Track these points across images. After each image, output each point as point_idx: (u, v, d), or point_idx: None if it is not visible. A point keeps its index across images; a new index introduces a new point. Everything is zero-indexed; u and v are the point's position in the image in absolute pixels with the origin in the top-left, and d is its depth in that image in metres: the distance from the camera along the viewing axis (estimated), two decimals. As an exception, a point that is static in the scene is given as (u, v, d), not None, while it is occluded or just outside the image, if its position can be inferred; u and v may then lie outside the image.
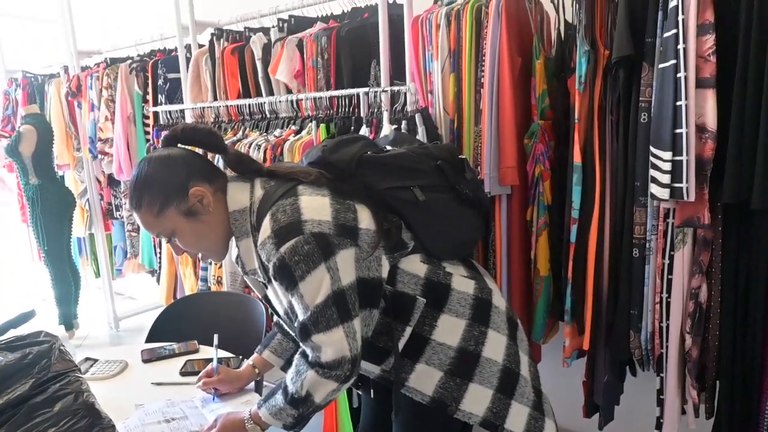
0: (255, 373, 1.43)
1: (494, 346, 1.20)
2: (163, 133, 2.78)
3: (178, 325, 1.91)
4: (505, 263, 1.78)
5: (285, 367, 1.40)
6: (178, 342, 1.73)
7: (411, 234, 1.21)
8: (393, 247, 1.17)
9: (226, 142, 2.39)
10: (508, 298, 1.80)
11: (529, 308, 1.80)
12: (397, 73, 1.99)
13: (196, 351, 1.69)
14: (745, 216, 1.40)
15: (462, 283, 1.22)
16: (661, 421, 1.59)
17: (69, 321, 3.60)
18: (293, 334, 1.28)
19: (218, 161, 1.81)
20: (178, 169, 1.15)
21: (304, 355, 1.12)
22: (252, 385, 1.45)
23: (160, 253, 2.86)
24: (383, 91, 1.93)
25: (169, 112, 2.83)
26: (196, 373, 1.53)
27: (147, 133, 3.12)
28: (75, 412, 1.09)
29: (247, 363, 1.44)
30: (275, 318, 1.36)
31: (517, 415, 1.19)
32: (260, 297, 1.31)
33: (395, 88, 1.92)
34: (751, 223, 1.40)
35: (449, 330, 1.17)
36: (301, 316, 1.09)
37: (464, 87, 1.77)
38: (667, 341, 1.53)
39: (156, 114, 2.94)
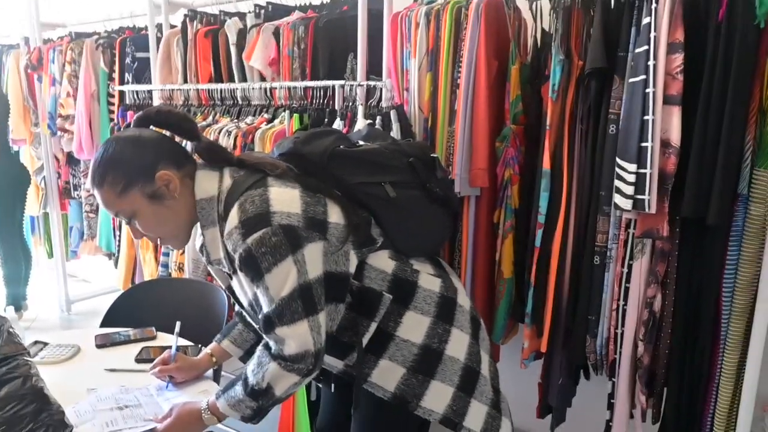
0: (212, 362, 1.41)
1: (457, 345, 1.21)
2: (129, 114, 2.73)
3: (135, 310, 1.86)
4: (470, 263, 1.81)
5: (244, 358, 1.38)
6: (134, 328, 1.69)
7: (380, 230, 1.21)
8: (362, 242, 1.17)
9: (195, 126, 2.35)
10: (471, 298, 1.82)
11: (491, 309, 1.83)
12: (374, 68, 1.98)
13: (154, 338, 1.65)
14: (701, 230, 1.46)
15: (428, 280, 1.22)
16: (611, 424, 1.65)
17: (18, 302, 3.46)
18: (256, 326, 1.27)
19: (186, 145, 1.78)
20: (147, 151, 1.12)
21: (267, 347, 1.11)
22: (210, 373, 1.43)
23: (119, 236, 2.77)
24: (359, 85, 1.93)
25: (136, 92, 2.75)
26: (151, 361, 1.49)
27: (111, 112, 3.01)
28: (22, 397, 1.05)
29: (205, 351, 1.42)
30: (237, 308, 1.34)
31: (476, 413, 1.21)
32: (224, 287, 1.29)
33: (371, 83, 1.92)
34: (706, 238, 1.46)
35: (414, 327, 1.18)
36: (265, 308, 1.08)
37: (440, 86, 1.78)
38: (620, 347, 1.58)
39: (122, 93, 2.85)
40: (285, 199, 1.08)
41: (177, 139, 1.23)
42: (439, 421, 1.18)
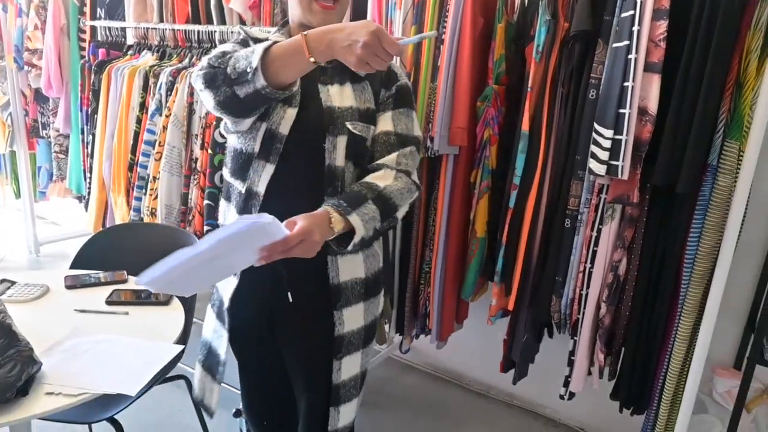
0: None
1: (381, 298, 1.30)
2: (101, 51, 2.62)
3: (105, 254, 1.84)
4: (445, 221, 1.83)
5: None
6: (105, 271, 1.67)
7: None
8: None
9: (170, 68, 2.28)
10: (443, 256, 1.85)
11: (463, 267, 1.87)
12: (358, 16, 1.93)
13: (125, 281, 1.64)
14: (669, 198, 1.50)
15: None
16: (569, 379, 1.72)
17: (-17, 241, 3.38)
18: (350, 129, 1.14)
19: None
20: None
21: (405, 171, 1.15)
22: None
23: (90, 178, 2.71)
24: (342, 35, 1.88)
25: (109, 28, 2.63)
26: (122, 303, 1.49)
27: (82, 48, 2.89)
28: (-11, 333, 1.04)
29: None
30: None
31: (354, 363, 1.24)
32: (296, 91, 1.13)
33: (354, 34, 1.86)
34: (674, 206, 1.50)
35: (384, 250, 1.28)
36: (402, 130, 1.18)
37: (424, 41, 1.75)
38: (584, 308, 1.63)
39: (93, 29, 2.72)
40: None
41: None
42: (335, 336, 1.21)
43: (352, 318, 1.20)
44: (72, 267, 1.81)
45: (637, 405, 1.69)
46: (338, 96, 1.16)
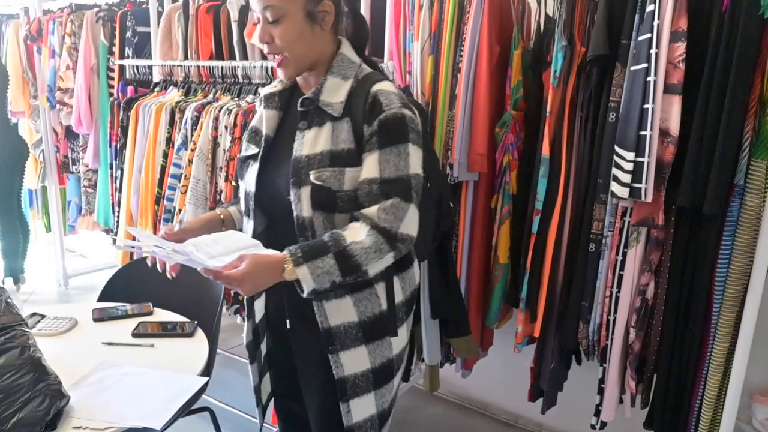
0: (220, 220, 1.32)
1: (399, 339, 1.22)
2: (129, 88, 2.72)
3: (132, 286, 1.87)
4: (467, 248, 1.82)
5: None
6: (131, 303, 1.70)
7: None
8: None
9: (195, 103, 2.34)
10: (467, 283, 1.84)
11: (486, 294, 1.85)
12: (376, 50, 1.97)
13: (151, 313, 1.66)
14: (696, 220, 1.47)
15: (416, 269, 1.26)
16: (600, 408, 1.67)
17: (16, 275, 3.47)
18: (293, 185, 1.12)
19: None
20: None
21: (381, 229, 1.06)
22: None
23: (118, 211, 2.78)
24: (360, 66, 1.91)
25: (137, 66, 2.73)
26: (148, 336, 1.51)
27: (111, 86, 3.00)
28: (20, 367, 1.07)
29: (212, 212, 1.35)
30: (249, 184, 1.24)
31: (366, 405, 1.19)
32: (266, 135, 1.21)
33: (373, 65, 1.90)
34: (701, 227, 1.47)
35: (390, 291, 1.19)
36: (389, 174, 1.07)
37: (441, 70, 1.77)
38: (612, 333, 1.60)
39: (122, 67, 2.83)
40: (416, 113, 1.15)
41: None
42: (337, 379, 1.17)
43: (352, 361, 1.17)
44: (99, 299, 1.84)
45: (673, 434, 1.63)
46: (311, 142, 1.12)
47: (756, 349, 1.43)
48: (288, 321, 1.24)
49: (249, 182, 1.21)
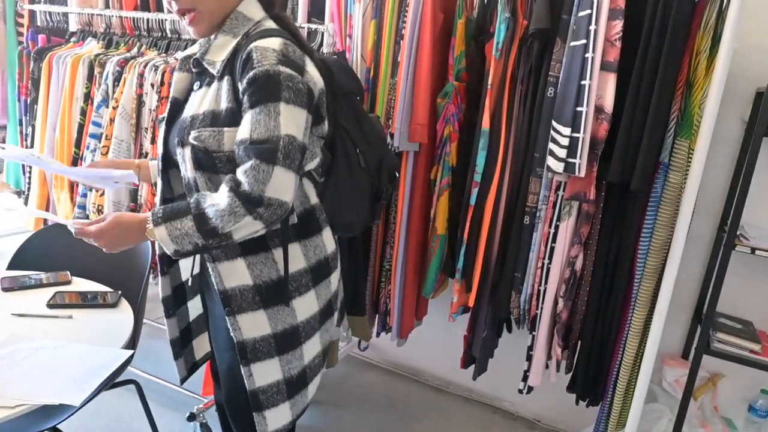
0: (137, 169, 1.33)
1: (304, 305, 1.19)
2: (41, 37, 2.47)
3: (47, 253, 1.73)
4: (405, 219, 1.81)
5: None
6: (46, 272, 1.58)
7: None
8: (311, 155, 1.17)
9: (117, 57, 2.17)
10: (404, 253, 1.84)
11: (423, 264, 1.86)
12: (316, 11, 1.89)
13: (68, 282, 1.55)
14: (623, 195, 1.53)
15: (329, 239, 1.23)
16: (528, 373, 1.75)
17: None
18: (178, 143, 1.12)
19: None
20: None
21: (237, 185, 1.01)
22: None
23: (29, 172, 2.55)
24: (300, 27, 1.83)
25: (50, 12, 2.48)
26: (66, 306, 1.41)
27: (20, 34, 2.71)
28: None
29: (132, 161, 1.38)
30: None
31: (268, 370, 1.18)
32: (171, 97, 1.22)
33: (312, 26, 1.83)
34: (627, 202, 1.54)
35: (291, 258, 1.15)
36: (258, 135, 1.01)
37: (384, 36, 1.73)
38: (542, 303, 1.66)
39: (32, 13, 2.56)
40: (314, 73, 1.11)
41: None
42: (236, 342, 1.15)
43: (251, 325, 1.14)
44: (9, 267, 1.69)
45: (593, 397, 1.73)
46: (198, 103, 1.12)
47: (669, 316, 1.53)
48: (190, 279, 1.30)
49: (159, 145, 1.22)
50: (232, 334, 1.15)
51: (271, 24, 1.13)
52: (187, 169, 1.11)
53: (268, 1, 1.16)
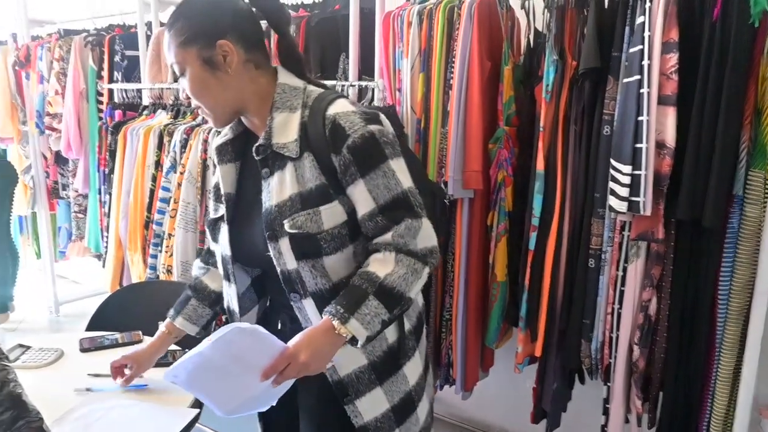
0: (171, 338, 1.32)
1: (413, 367, 1.15)
2: (117, 113, 2.69)
3: (122, 313, 1.82)
4: (464, 267, 1.78)
5: (200, 333, 1.31)
6: (121, 332, 1.65)
7: None
8: None
9: (184, 126, 2.32)
10: (464, 302, 1.80)
11: (485, 313, 1.81)
12: (366, 69, 1.96)
13: (140, 342, 1.61)
14: (696, 232, 1.44)
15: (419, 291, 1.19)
16: (606, 429, 1.63)
17: (4, 303, 3.37)
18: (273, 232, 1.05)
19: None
20: (220, 16, 1.04)
21: (408, 251, 1.01)
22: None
23: (107, 236, 2.73)
24: (351, 85, 1.90)
25: (126, 90, 2.71)
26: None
27: (100, 111, 2.97)
28: (-1, 405, 1.01)
29: (160, 331, 1.32)
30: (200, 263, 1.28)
31: None
32: (227, 192, 1.14)
33: (363, 83, 1.89)
34: (702, 240, 1.44)
35: (392, 325, 1.10)
36: (384, 199, 1.01)
37: (433, 87, 1.76)
38: (615, 351, 1.56)
39: (111, 91, 2.81)
40: (385, 119, 1.08)
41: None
42: (359, 427, 1.10)
43: (371, 406, 1.11)
44: (89, 328, 1.79)
45: (682, 454, 1.58)
46: (277, 189, 1.04)
47: (763, 363, 1.39)
48: (279, 322, 1.18)
49: (223, 246, 1.15)
50: (353, 421, 1.10)
51: (314, 88, 1.11)
52: (286, 261, 1.04)
53: (297, 69, 1.13)
